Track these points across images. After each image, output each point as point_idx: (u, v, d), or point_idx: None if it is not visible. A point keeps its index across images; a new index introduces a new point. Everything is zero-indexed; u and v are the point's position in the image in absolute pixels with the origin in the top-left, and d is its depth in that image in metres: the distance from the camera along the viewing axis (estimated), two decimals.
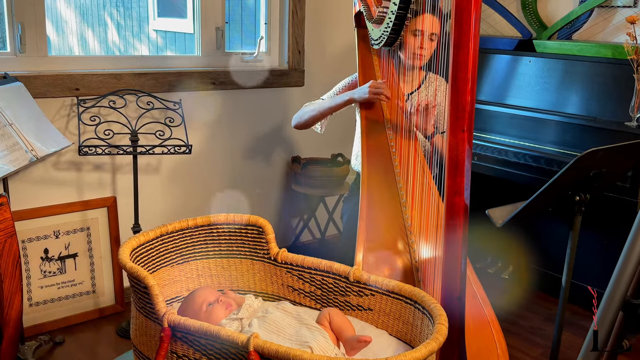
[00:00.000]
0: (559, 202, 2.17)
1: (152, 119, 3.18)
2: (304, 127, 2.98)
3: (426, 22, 2.67)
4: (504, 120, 3.61)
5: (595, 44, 3.42)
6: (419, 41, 2.70)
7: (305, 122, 2.94)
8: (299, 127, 2.99)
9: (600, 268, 3.40)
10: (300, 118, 2.95)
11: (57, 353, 2.96)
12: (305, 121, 2.93)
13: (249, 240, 2.36)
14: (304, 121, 2.94)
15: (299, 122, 2.96)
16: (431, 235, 2.45)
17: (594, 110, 3.29)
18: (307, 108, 2.93)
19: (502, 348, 2.31)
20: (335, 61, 4.12)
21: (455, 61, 1.82)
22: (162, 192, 3.52)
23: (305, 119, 2.93)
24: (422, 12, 2.64)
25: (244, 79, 3.69)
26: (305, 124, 2.95)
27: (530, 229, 3.80)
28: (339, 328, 2.03)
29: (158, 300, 1.88)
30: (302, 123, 2.95)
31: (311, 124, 2.95)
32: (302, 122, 2.94)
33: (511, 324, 3.37)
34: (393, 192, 2.62)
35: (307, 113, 2.91)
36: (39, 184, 3.09)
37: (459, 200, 1.92)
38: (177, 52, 3.55)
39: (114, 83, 3.21)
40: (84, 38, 3.31)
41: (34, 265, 3.10)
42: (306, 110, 2.92)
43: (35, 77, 2.98)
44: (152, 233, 2.22)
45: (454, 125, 1.86)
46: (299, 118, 2.96)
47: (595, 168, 2.06)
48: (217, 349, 1.80)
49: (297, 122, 2.97)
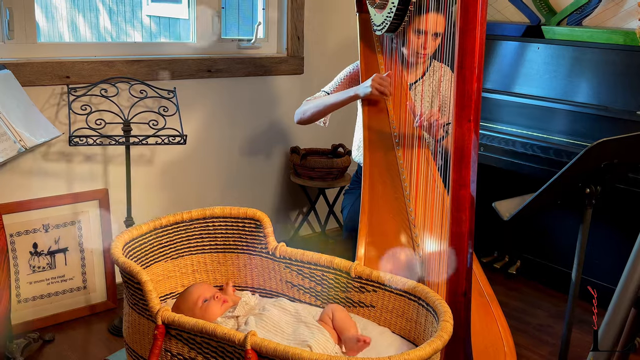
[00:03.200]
0: (569, 195, 2.16)
1: (145, 108, 3.17)
2: (307, 123, 2.97)
3: (430, 22, 2.66)
4: (511, 109, 3.60)
5: (606, 30, 3.41)
6: (422, 40, 2.70)
7: (308, 118, 2.93)
8: (302, 123, 2.99)
9: (612, 263, 3.40)
10: (303, 114, 2.94)
11: (47, 351, 2.96)
12: (309, 117, 2.92)
13: (246, 234, 2.36)
14: (307, 117, 2.93)
15: (302, 119, 2.95)
16: (436, 229, 2.45)
17: (605, 99, 3.28)
18: (310, 104, 2.92)
19: (509, 346, 2.31)
20: (335, 48, 4.10)
21: (461, 48, 1.82)
22: (156, 184, 3.52)
23: (308, 115, 2.92)
24: (426, 11, 2.63)
25: (241, 67, 3.68)
26: (309, 120, 2.94)
27: (538, 223, 3.80)
28: (340, 326, 2.02)
29: (152, 296, 1.88)
30: (306, 119, 2.94)
31: (314, 120, 2.94)
32: (305, 118, 2.94)
33: (519, 321, 3.37)
34: (396, 184, 2.61)
35: (310, 109, 2.91)
36: (27, 176, 3.09)
37: (464, 192, 1.91)
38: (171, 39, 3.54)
39: (106, 71, 3.20)
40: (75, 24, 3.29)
41: (22, 260, 3.09)
42: (309, 107, 2.91)
43: (23, 64, 2.97)
44: (145, 227, 2.22)
45: (460, 115, 1.86)
46: (301, 114, 2.95)
47: (606, 159, 2.05)
48: (213, 347, 1.80)
49: (300, 118, 2.96)
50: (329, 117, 2.98)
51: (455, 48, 1.84)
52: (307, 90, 3.90)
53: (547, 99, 3.47)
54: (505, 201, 2.21)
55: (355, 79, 2.89)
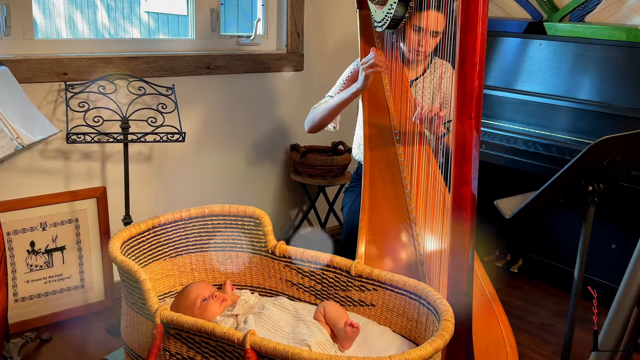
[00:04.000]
0: (571, 193, 2.16)
1: (143, 105, 3.17)
2: (317, 129, 2.97)
3: (429, 19, 2.66)
4: (513, 106, 3.60)
5: (609, 27, 3.40)
6: (420, 38, 2.70)
7: (317, 124, 2.93)
8: (312, 131, 2.99)
9: (615, 261, 3.39)
10: (312, 122, 2.95)
11: (44, 351, 2.96)
12: (318, 123, 2.93)
13: (245, 232, 2.36)
14: (316, 124, 2.93)
15: (312, 126, 2.96)
16: (437, 227, 2.45)
17: (608, 96, 3.27)
18: (317, 110, 2.93)
19: (511, 346, 2.31)
20: (336, 44, 4.10)
21: (462, 45, 1.81)
22: (154, 182, 3.51)
23: (317, 121, 2.92)
24: (426, 8, 2.63)
25: (240, 63, 3.67)
26: (319, 126, 2.95)
27: (540, 221, 3.79)
28: (332, 320, 2.03)
29: (150, 295, 1.88)
30: (315, 126, 2.94)
31: (324, 125, 2.94)
32: (315, 124, 2.94)
33: (521, 320, 3.37)
34: (397, 182, 2.61)
35: (317, 115, 2.91)
36: (24, 174, 3.08)
37: (466, 190, 1.91)
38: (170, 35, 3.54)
39: (104, 67, 3.20)
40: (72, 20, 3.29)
41: (19, 258, 3.09)
42: (316, 113, 2.92)
43: (21, 61, 2.97)
44: (143, 225, 2.22)
45: (461, 112, 1.86)
46: (310, 122, 2.95)
47: (609, 157, 2.05)
48: (212, 346, 1.80)
49: (310, 126, 2.97)
50: (338, 120, 2.98)
51: (456, 44, 1.84)
52: (307, 87, 3.90)
53: (549, 96, 3.47)
54: (507, 199, 2.20)
55: (357, 77, 2.89)
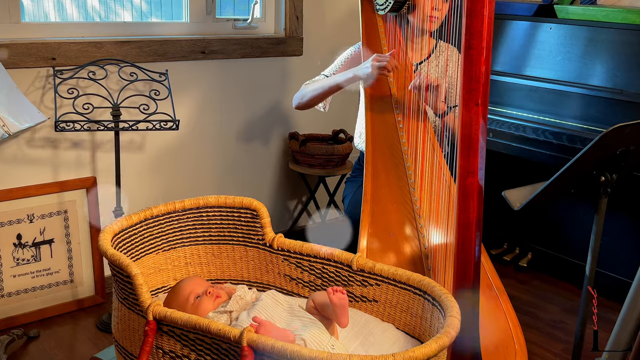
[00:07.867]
0: (583, 183, 2.16)
1: (135, 91, 3.16)
2: (305, 107, 2.97)
3: None
4: (522, 92, 3.60)
5: (622, 9, 3.39)
6: (434, 3, 2.68)
7: (307, 102, 2.93)
8: (300, 108, 2.99)
9: (629, 255, 3.40)
10: (301, 98, 2.94)
11: (32, 348, 2.97)
12: (307, 102, 2.93)
13: (242, 224, 2.36)
14: (305, 102, 2.93)
15: (300, 103, 2.95)
16: (442, 219, 2.45)
17: (621, 82, 3.27)
18: (308, 87, 2.92)
19: (520, 343, 2.31)
20: (336, 28, 4.09)
21: (468, 28, 1.81)
22: (147, 172, 3.51)
23: (306, 99, 2.92)
24: None
25: (236, 48, 3.67)
26: (308, 105, 2.94)
27: (551, 213, 3.79)
28: (321, 304, 2.01)
29: (142, 290, 1.88)
30: (304, 103, 2.94)
31: (313, 104, 2.94)
32: (304, 102, 2.94)
33: (530, 316, 3.38)
34: (400, 173, 2.61)
35: (308, 93, 2.91)
36: (11, 163, 3.08)
37: (472, 180, 1.91)
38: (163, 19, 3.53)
39: (94, 52, 3.19)
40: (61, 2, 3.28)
41: (5, 252, 3.09)
42: (307, 90, 2.91)
43: (7, 45, 2.96)
44: (135, 217, 2.22)
45: (467, 99, 1.85)
46: (299, 98, 2.95)
47: (622, 145, 2.05)
48: (207, 344, 1.80)
49: (299, 102, 2.96)
50: (329, 102, 2.98)
51: (462, 28, 1.83)
52: (306, 72, 3.89)
53: (559, 82, 3.46)
54: (515, 190, 2.20)
55: (357, 61, 2.89)
